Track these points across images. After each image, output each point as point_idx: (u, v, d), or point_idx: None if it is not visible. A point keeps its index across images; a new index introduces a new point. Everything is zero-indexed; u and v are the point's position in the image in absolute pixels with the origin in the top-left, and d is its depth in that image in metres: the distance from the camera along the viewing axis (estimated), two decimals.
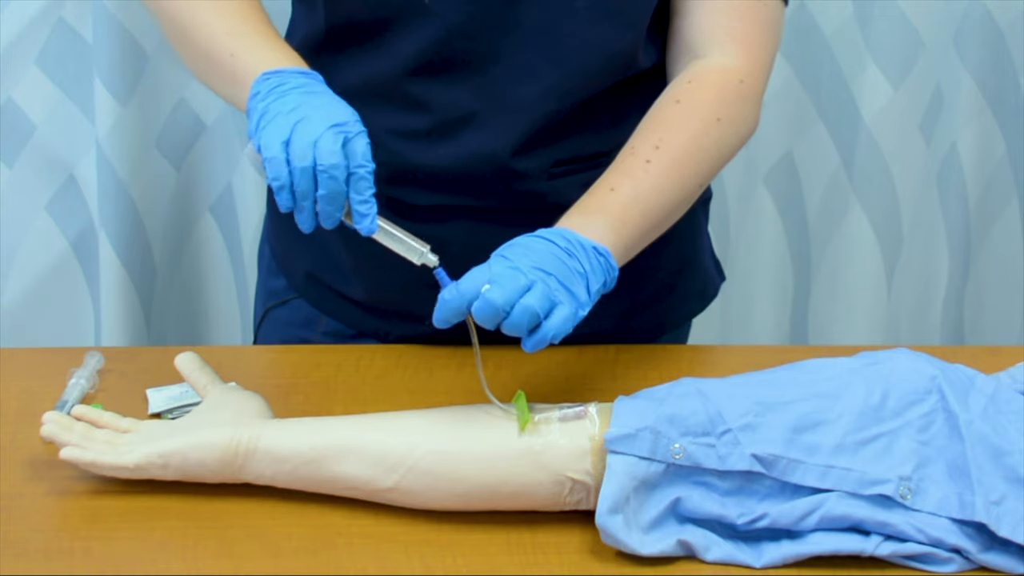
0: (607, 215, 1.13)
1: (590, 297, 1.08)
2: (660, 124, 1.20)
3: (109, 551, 1.03)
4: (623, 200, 1.14)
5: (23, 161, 1.99)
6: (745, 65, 1.23)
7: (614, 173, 1.17)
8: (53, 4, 1.93)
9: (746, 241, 2.14)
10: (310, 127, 1.05)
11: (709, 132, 1.20)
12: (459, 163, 1.24)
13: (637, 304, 1.35)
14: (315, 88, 1.09)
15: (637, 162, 1.17)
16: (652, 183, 1.16)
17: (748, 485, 1.05)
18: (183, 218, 2.08)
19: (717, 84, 1.22)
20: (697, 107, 1.21)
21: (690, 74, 1.23)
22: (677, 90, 1.23)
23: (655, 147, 1.18)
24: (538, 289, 1.04)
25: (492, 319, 1.03)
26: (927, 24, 2.00)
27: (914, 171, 2.09)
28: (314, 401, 1.23)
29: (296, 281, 1.40)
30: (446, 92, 1.22)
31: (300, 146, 1.04)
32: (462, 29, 1.19)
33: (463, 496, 1.06)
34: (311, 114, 1.06)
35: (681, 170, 1.18)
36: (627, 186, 1.15)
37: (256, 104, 1.09)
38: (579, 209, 1.14)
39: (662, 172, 1.17)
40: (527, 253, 1.07)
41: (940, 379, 1.09)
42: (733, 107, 1.22)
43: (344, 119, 1.05)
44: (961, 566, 1.04)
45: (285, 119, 1.06)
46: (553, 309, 1.04)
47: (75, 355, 1.25)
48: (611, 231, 1.12)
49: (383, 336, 1.36)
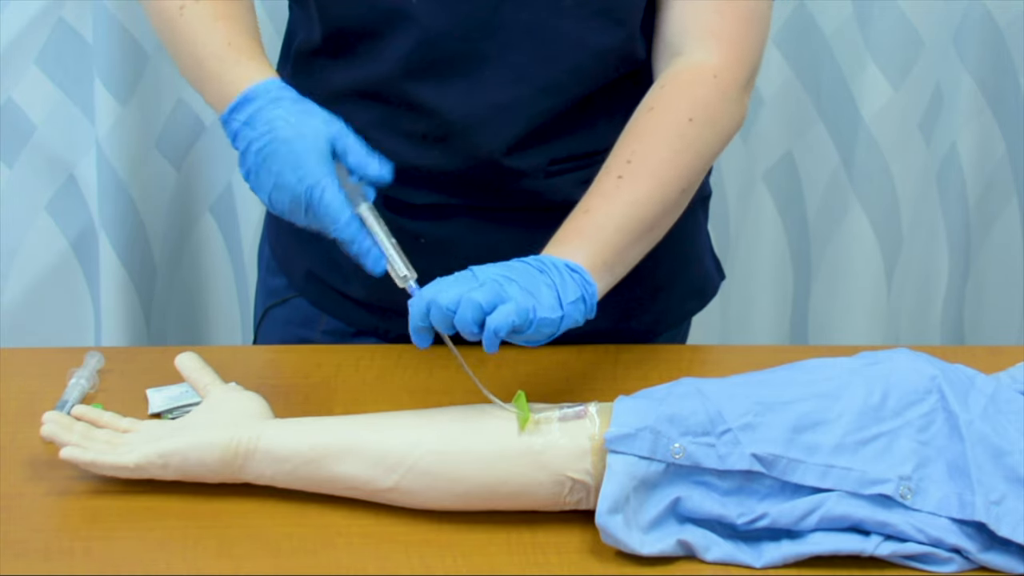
0: (580, 237, 1.14)
1: (562, 307, 1.08)
2: (634, 137, 1.20)
3: (109, 551, 1.03)
4: (597, 220, 1.15)
5: (23, 161, 1.99)
6: (722, 60, 1.22)
7: (589, 194, 1.18)
8: (53, 4, 1.93)
9: (746, 241, 2.14)
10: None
11: (684, 135, 1.19)
12: (456, 163, 1.24)
13: (636, 302, 1.35)
14: (274, 129, 1.11)
15: (610, 179, 1.18)
16: (625, 198, 1.16)
17: (748, 485, 1.05)
18: (183, 218, 2.08)
19: (689, 83, 1.22)
20: (668, 111, 1.20)
21: (664, 78, 1.23)
22: (651, 98, 1.22)
23: (627, 161, 1.18)
24: (487, 287, 1.05)
25: (443, 319, 1.05)
26: (927, 24, 2.00)
27: (914, 171, 2.09)
28: (314, 401, 1.23)
29: (296, 280, 1.40)
30: (439, 94, 1.22)
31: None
32: (449, 32, 1.19)
33: (463, 496, 1.06)
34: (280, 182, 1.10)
35: (658, 179, 1.18)
36: (600, 205, 1.16)
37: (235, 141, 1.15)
38: (557, 237, 1.15)
39: (636, 185, 1.17)
40: (494, 267, 1.08)
41: (940, 379, 1.09)
42: (709, 106, 1.21)
43: (302, 186, 1.08)
44: (961, 566, 1.04)
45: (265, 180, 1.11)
46: (499, 305, 1.05)
47: (75, 355, 1.25)
48: (583, 252, 1.12)
49: (383, 334, 1.36)
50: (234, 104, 1.13)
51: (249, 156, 1.12)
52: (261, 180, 1.11)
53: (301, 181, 1.08)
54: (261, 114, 1.12)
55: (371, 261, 1.10)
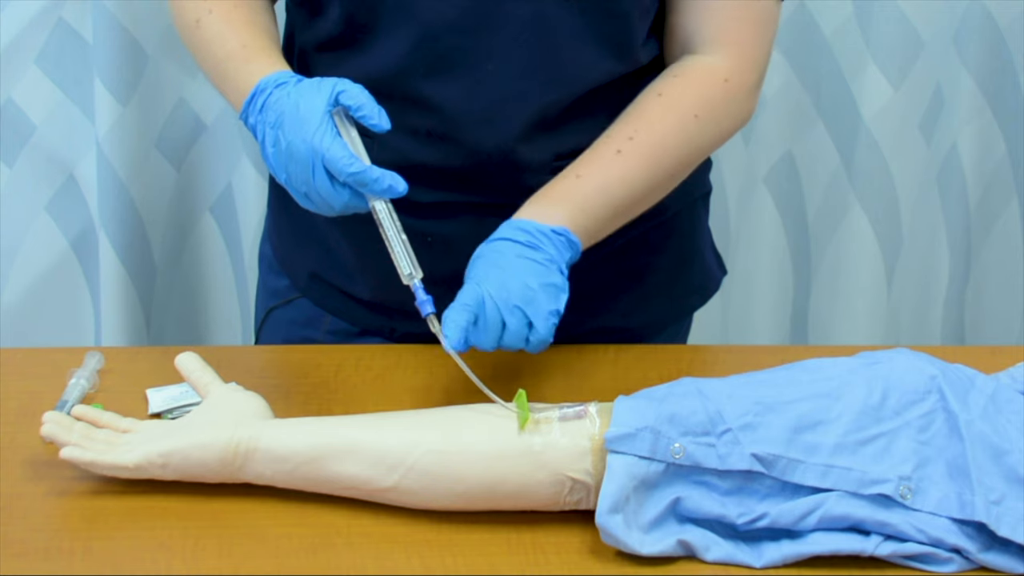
0: (569, 203, 1.17)
1: (564, 275, 1.13)
2: (639, 116, 1.23)
3: (109, 551, 1.03)
4: (587, 189, 1.18)
5: (23, 161, 1.99)
6: (735, 64, 1.25)
7: (584, 161, 1.21)
8: (53, 4, 1.93)
9: (746, 241, 2.14)
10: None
11: (686, 128, 1.22)
12: (460, 159, 1.24)
13: (639, 299, 1.35)
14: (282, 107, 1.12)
15: (608, 151, 1.20)
16: (620, 173, 1.20)
17: (748, 485, 1.05)
18: (183, 218, 2.08)
19: (700, 82, 1.24)
20: (677, 102, 1.23)
21: (677, 68, 1.26)
22: (661, 83, 1.25)
23: (629, 138, 1.20)
24: (512, 324, 1.11)
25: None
26: (927, 24, 2.00)
27: (914, 171, 2.09)
28: (314, 401, 1.23)
29: (299, 281, 1.40)
30: (444, 90, 1.22)
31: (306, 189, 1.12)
32: (452, 26, 1.19)
33: (463, 496, 1.06)
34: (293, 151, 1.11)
35: (652, 162, 1.21)
36: (595, 175, 1.19)
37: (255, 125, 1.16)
38: (542, 196, 1.18)
39: (632, 163, 1.20)
40: (497, 273, 1.11)
41: (940, 379, 1.09)
42: (715, 106, 1.24)
43: (307, 145, 1.09)
44: (961, 566, 1.04)
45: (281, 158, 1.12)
46: (532, 325, 1.11)
47: (75, 355, 1.25)
48: (570, 219, 1.16)
49: (388, 334, 1.36)
50: (248, 99, 1.15)
51: (267, 142, 1.13)
52: (280, 159, 1.11)
53: (306, 141, 1.09)
54: (269, 99, 1.13)
55: (391, 180, 1.10)
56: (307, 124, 1.09)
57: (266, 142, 1.13)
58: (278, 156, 1.11)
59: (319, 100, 1.10)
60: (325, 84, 1.11)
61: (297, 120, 1.10)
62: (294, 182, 1.11)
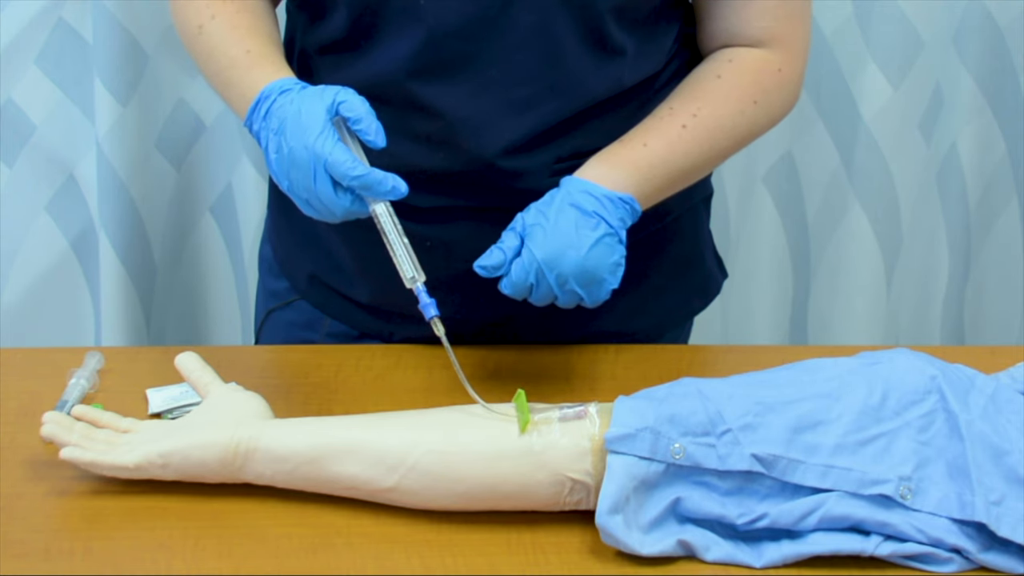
0: (635, 170, 1.20)
1: (623, 245, 1.17)
2: (701, 94, 1.25)
3: (109, 551, 1.03)
4: (652, 159, 1.21)
5: (23, 161, 1.99)
6: (786, 56, 1.29)
7: (649, 130, 1.23)
8: (53, 4, 1.93)
9: (746, 241, 2.14)
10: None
11: (744, 111, 1.25)
12: (461, 164, 1.24)
13: (640, 302, 1.35)
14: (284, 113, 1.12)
15: (674, 125, 1.23)
16: (683, 148, 1.22)
17: (748, 485, 1.05)
18: (183, 218, 2.08)
19: (756, 70, 1.27)
20: (736, 86, 1.26)
21: (732, 53, 1.28)
22: (718, 66, 1.27)
23: (693, 115, 1.23)
24: (563, 299, 1.15)
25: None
26: (927, 24, 2.00)
27: (914, 171, 2.09)
28: (314, 401, 1.23)
29: (299, 283, 1.39)
30: (445, 94, 1.22)
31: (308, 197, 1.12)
32: (456, 31, 1.19)
33: (463, 496, 1.06)
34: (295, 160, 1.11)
35: (711, 142, 1.24)
36: (661, 147, 1.22)
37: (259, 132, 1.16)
38: (608, 157, 1.21)
39: (694, 140, 1.23)
40: (556, 243, 1.14)
41: (940, 379, 1.09)
42: (770, 94, 1.28)
43: (308, 151, 1.10)
44: (961, 566, 1.04)
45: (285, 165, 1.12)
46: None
47: (75, 355, 1.25)
48: (635, 185, 1.19)
49: (387, 337, 1.36)
50: (252, 106, 1.15)
51: (270, 149, 1.13)
52: (283, 166, 1.12)
53: (308, 147, 1.09)
54: (273, 106, 1.13)
55: (394, 181, 1.11)
56: (309, 130, 1.09)
57: (269, 148, 1.13)
58: (280, 162, 1.11)
59: (321, 107, 1.10)
60: (328, 92, 1.11)
61: (299, 126, 1.10)
62: (296, 188, 1.11)
